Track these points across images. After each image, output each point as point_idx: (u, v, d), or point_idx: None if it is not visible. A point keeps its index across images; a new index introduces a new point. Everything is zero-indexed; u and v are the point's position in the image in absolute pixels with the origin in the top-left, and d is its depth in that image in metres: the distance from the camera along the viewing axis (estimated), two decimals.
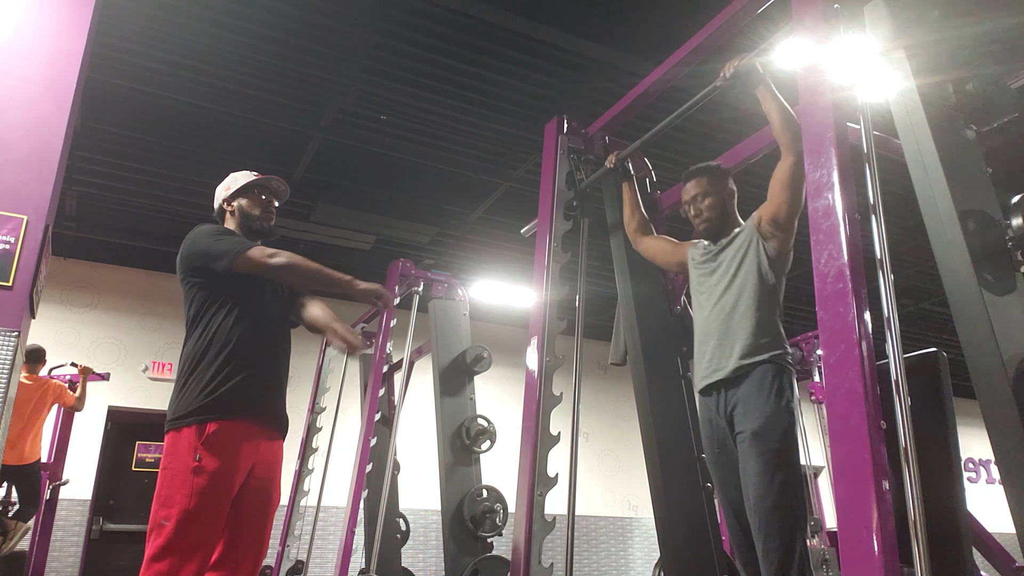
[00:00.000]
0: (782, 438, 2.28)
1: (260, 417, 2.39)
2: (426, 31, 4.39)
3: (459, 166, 5.91)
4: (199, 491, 2.18)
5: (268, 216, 2.64)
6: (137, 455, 7.60)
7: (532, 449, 2.94)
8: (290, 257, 2.41)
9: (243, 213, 2.61)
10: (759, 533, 2.23)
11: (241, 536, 2.34)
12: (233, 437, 2.28)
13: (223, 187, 2.68)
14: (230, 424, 2.28)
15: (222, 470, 2.23)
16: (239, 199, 2.63)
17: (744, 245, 2.54)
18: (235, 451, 2.27)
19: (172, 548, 2.13)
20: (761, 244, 2.49)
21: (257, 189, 2.65)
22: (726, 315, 2.49)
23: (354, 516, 4.96)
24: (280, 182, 2.71)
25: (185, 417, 2.26)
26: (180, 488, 2.18)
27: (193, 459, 2.20)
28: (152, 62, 4.68)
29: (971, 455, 10.91)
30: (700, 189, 2.69)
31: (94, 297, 7.55)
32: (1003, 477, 1.91)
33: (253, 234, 2.61)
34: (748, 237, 2.53)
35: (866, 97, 2.01)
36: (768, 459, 2.25)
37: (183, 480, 2.19)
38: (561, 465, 2.87)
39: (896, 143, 2.33)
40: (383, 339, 5.41)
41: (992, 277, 1.96)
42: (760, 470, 2.24)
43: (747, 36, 3.86)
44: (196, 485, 2.18)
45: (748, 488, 2.28)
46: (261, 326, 2.46)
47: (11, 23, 2.88)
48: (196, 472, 2.19)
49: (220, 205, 2.67)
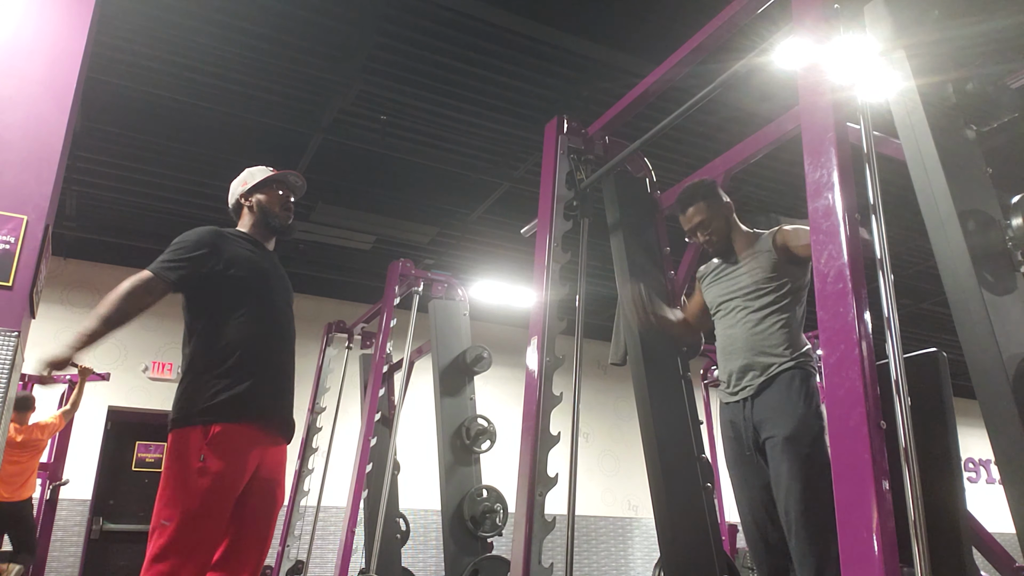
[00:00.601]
0: (813, 442, 2.30)
1: (265, 422, 2.38)
2: (426, 31, 4.39)
3: (459, 166, 5.91)
4: (202, 492, 2.16)
5: (286, 213, 2.61)
6: (137, 455, 7.60)
7: (532, 449, 2.94)
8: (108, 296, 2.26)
9: (262, 209, 2.58)
10: (795, 537, 2.24)
11: (244, 537, 2.32)
12: (238, 440, 2.26)
13: (239, 182, 2.63)
14: (236, 427, 2.26)
15: (226, 472, 2.21)
16: (257, 194, 2.60)
17: (763, 255, 2.56)
18: (240, 453, 2.26)
19: (174, 548, 2.12)
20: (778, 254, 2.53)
21: (275, 184, 2.62)
22: (751, 325, 2.51)
23: (354, 516, 4.96)
24: (298, 177, 2.67)
25: (189, 418, 2.24)
26: (183, 489, 2.17)
27: (197, 460, 2.18)
28: (152, 62, 4.68)
29: (971, 455, 10.91)
30: (701, 217, 2.70)
31: (94, 297, 7.54)
32: (1003, 477, 1.91)
33: (271, 231, 2.59)
34: (767, 248, 2.56)
35: (866, 97, 2.01)
36: (801, 463, 2.27)
37: (186, 481, 2.18)
38: (561, 465, 2.86)
39: (896, 143, 2.33)
40: (383, 339, 5.41)
41: (992, 277, 1.96)
42: (794, 475, 2.25)
43: (747, 36, 3.85)
44: (200, 486, 2.17)
45: (781, 492, 2.29)
46: (269, 329, 2.44)
47: (11, 23, 2.88)
48: (200, 473, 2.18)
49: (237, 200, 2.63)
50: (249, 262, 2.46)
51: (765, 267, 2.54)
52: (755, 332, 2.49)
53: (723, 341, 2.63)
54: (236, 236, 2.53)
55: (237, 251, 2.45)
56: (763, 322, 2.49)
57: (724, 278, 2.68)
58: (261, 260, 2.51)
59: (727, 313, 2.63)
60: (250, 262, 2.46)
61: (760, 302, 2.53)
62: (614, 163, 3.25)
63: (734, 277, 2.64)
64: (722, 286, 2.67)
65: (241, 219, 2.62)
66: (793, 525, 2.24)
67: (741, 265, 2.62)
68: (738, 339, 2.54)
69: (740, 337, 2.53)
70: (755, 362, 2.48)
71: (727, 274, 2.67)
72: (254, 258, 2.49)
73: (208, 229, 2.45)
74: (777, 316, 2.48)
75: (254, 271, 2.45)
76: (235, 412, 2.27)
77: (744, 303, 2.56)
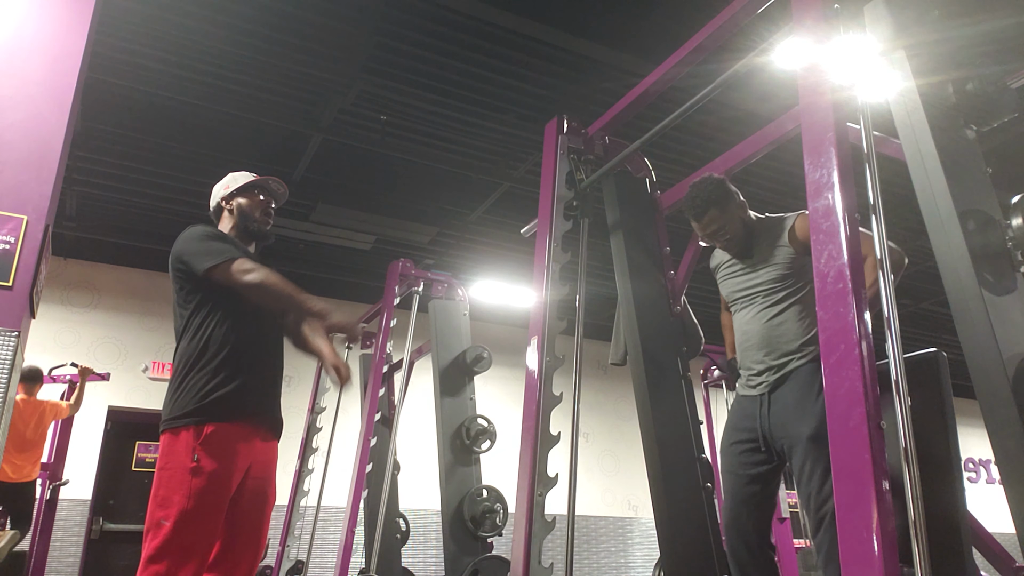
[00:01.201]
0: None
1: (256, 420, 2.39)
2: (426, 31, 4.39)
3: (459, 166, 5.91)
4: (197, 492, 2.17)
5: (266, 218, 2.62)
6: (137, 455, 7.60)
7: (532, 449, 2.94)
8: (264, 277, 2.32)
9: (241, 213, 2.58)
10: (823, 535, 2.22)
11: (238, 536, 2.33)
12: (230, 439, 2.27)
13: (221, 186, 2.65)
14: (227, 427, 2.27)
15: (220, 471, 2.22)
16: (238, 198, 2.60)
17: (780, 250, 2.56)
18: (232, 452, 2.27)
19: (169, 549, 2.12)
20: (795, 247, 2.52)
21: (257, 189, 2.63)
22: (767, 320, 2.52)
23: (354, 516, 4.96)
24: (279, 184, 2.69)
25: (182, 418, 2.25)
26: (178, 489, 2.17)
27: (191, 460, 2.19)
28: (152, 62, 4.68)
29: (971, 455, 10.91)
30: (717, 224, 2.64)
31: (94, 297, 7.55)
32: (1003, 477, 1.91)
33: (249, 235, 2.59)
34: (782, 242, 2.55)
35: (866, 97, 2.01)
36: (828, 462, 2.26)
37: (181, 481, 2.18)
38: (561, 465, 2.86)
39: (896, 143, 2.33)
40: (383, 339, 5.41)
41: (992, 277, 1.96)
42: (823, 474, 2.23)
43: (747, 36, 3.85)
44: (194, 486, 2.17)
45: (812, 490, 2.26)
46: (257, 328, 2.44)
47: (11, 23, 2.88)
48: (194, 473, 2.18)
49: (218, 203, 2.64)
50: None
51: (782, 263, 2.53)
52: (771, 327, 2.50)
53: (740, 336, 2.64)
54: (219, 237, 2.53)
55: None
56: (778, 317, 2.50)
57: (739, 273, 2.67)
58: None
59: (743, 308, 2.63)
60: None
61: (776, 297, 2.53)
62: (614, 163, 3.25)
63: (749, 271, 2.63)
64: (738, 280, 2.67)
65: (221, 222, 2.63)
66: (824, 521, 2.21)
67: (756, 257, 2.61)
68: (754, 335, 2.54)
69: (756, 332, 2.54)
70: (771, 357, 2.49)
71: (742, 268, 2.67)
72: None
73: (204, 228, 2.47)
74: (792, 310, 2.48)
75: None
76: (225, 411, 2.28)
77: (760, 298, 2.56)
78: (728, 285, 2.74)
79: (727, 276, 2.75)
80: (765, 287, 2.57)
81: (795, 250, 2.52)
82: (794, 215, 2.59)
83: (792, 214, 2.61)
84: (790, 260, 2.53)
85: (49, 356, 6.57)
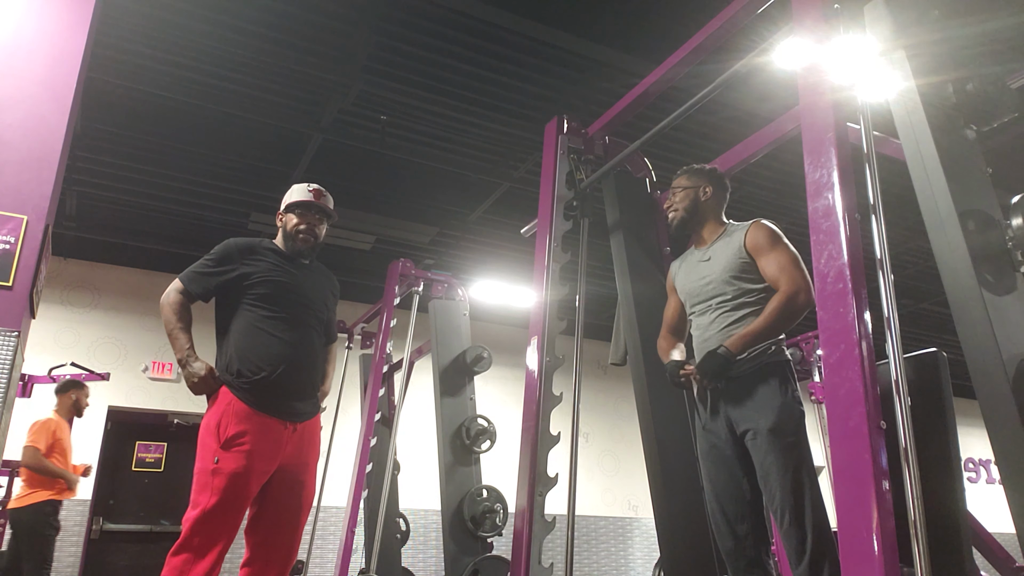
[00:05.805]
0: (796, 430, 2.29)
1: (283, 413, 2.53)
2: (426, 31, 4.39)
3: (459, 166, 5.91)
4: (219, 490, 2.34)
5: (304, 238, 2.76)
6: (137, 455, 7.59)
7: (532, 449, 2.94)
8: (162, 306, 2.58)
9: (284, 230, 2.80)
10: (789, 528, 2.21)
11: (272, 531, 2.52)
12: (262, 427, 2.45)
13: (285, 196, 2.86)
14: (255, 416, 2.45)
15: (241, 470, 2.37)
16: (287, 214, 2.81)
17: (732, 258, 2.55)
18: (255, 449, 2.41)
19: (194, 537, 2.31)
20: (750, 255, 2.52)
21: (299, 210, 2.79)
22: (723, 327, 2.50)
23: (354, 516, 4.96)
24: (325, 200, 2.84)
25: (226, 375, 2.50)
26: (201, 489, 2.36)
27: (212, 461, 2.36)
28: (152, 62, 4.67)
29: (971, 455, 10.91)
30: (680, 193, 2.74)
31: (94, 297, 7.55)
32: (1003, 477, 1.91)
33: (293, 251, 2.77)
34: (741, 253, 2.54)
35: (866, 97, 2.01)
36: (788, 453, 2.25)
37: (204, 481, 2.37)
38: (561, 465, 2.87)
39: (896, 143, 2.33)
40: (383, 339, 5.41)
41: (992, 277, 1.96)
42: (783, 466, 2.24)
43: (747, 36, 3.85)
44: (215, 485, 2.34)
45: (772, 484, 2.26)
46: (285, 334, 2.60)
47: (11, 23, 2.89)
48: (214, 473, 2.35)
49: (277, 214, 2.88)
50: (270, 274, 2.65)
51: (732, 268, 2.52)
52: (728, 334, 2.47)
53: (698, 342, 2.62)
54: (267, 249, 2.73)
55: (260, 265, 2.65)
56: (735, 324, 2.47)
57: (695, 276, 2.66)
58: (282, 273, 2.68)
59: (701, 314, 2.62)
60: (271, 274, 2.65)
61: (730, 304, 2.51)
62: (614, 163, 3.25)
63: (703, 276, 2.62)
64: (694, 284, 2.65)
65: (279, 231, 2.84)
66: (788, 515, 2.21)
67: (712, 262, 2.61)
68: (712, 341, 2.51)
69: (715, 339, 2.51)
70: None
71: (697, 272, 2.66)
72: (276, 270, 2.67)
73: (237, 243, 2.68)
74: (748, 318, 2.45)
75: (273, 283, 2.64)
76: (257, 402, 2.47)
77: (716, 305, 2.55)
78: (683, 285, 2.72)
79: (683, 276, 2.74)
80: (719, 293, 2.55)
81: (748, 258, 2.51)
82: (748, 224, 2.59)
83: (747, 223, 2.60)
84: (742, 266, 2.51)
85: (49, 356, 6.56)
